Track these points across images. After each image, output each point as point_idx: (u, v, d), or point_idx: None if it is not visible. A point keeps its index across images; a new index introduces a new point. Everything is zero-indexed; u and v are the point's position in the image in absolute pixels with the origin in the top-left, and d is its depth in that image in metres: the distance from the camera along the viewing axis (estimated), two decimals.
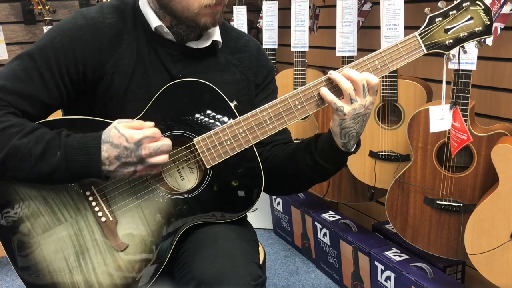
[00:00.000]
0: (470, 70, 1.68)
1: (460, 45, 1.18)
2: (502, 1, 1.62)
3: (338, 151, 1.22)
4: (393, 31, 1.91)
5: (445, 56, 1.19)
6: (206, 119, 1.21)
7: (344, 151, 1.22)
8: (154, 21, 1.25)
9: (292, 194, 2.24)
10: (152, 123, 1.15)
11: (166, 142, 1.13)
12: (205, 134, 1.20)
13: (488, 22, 1.15)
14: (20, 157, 1.11)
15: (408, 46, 1.17)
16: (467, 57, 1.67)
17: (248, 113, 1.19)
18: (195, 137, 1.20)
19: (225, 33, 1.36)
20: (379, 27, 1.94)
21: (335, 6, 2.17)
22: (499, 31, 1.65)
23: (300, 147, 1.30)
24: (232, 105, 1.21)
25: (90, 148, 1.12)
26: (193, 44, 1.29)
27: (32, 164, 1.11)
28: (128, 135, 1.10)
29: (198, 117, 1.21)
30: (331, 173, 1.30)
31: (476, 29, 1.16)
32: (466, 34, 1.17)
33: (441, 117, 1.44)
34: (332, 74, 1.16)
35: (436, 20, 1.17)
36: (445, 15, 1.16)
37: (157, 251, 1.23)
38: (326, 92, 1.16)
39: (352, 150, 1.24)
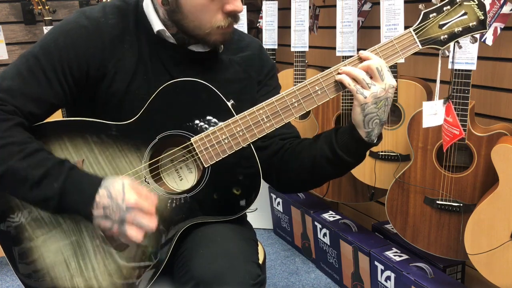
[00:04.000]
0: (470, 70, 1.68)
1: (455, 40, 1.18)
2: (502, 1, 1.61)
3: (361, 142, 1.21)
4: (393, 31, 1.90)
5: (440, 51, 1.19)
6: (203, 118, 1.21)
7: (367, 142, 1.21)
8: (157, 25, 1.25)
9: (304, 190, 2.23)
10: (156, 200, 1.14)
11: (151, 224, 1.12)
12: (202, 133, 1.20)
13: (482, 17, 1.16)
14: (17, 179, 1.11)
15: (403, 42, 1.17)
16: (467, 57, 1.67)
17: (245, 112, 1.19)
18: (193, 136, 1.20)
19: None
20: (379, 27, 1.94)
21: (335, 6, 2.17)
22: (499, 31, 1.65)
23: (318, 139, 1.29)
24: (229, 104, 1.21)
25: (86, 190, 1.12)
26: (194, 48, 1.29)
27: (27, 188, 1.11)
28: (127, 196, 1.10)
29: (196, 117, 1.21)
30: (350, 167, 1.28)
31: (471, 24, 1.16)
32: (460, 29, 1.17)
33: (434, 112, 1.44)
34: (342, 68, 1.18)
35: (431, 16, 1.17)
36: (439, 10, 1.17)
37: (157, 251, 1.23)
38: (344, 78, 1.17)
39: (375, 141, 1.23)
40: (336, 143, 1.23)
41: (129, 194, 1.10)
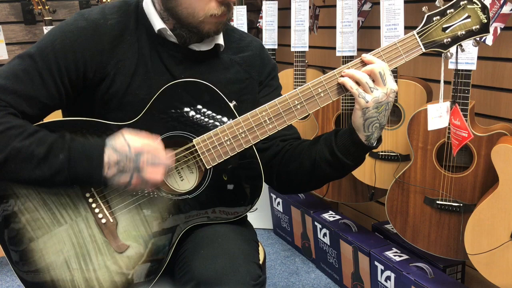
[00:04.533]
0: (470, 70, 1.68)
1: (458, 44, 1.18)
2: (502, 1, 1.61)
3: (360, 145, 1.21)
4: (393, 31, 1.91)
5: (443, 54, 1.19)
6: (206, 119, 1.21)
7: (366, 146, 1.21)
8: (157, 23, 1.25)
9: (304, 191, 2.22)
10: (158, 137, 1.17)
11: (166, 159, 1.15)
12: (205, 135, 1.20)
13: (485, 20, 1.16)
14: (21, 159, 1.11)
15: (407, 45, 1.17)
16: (467, 57, 1.67)
17: (248, 113, 1.19)
18: (195, 138, 1.20)
19: (228, 35, 1.36)
20: (379, 27, 1.94)
21: (335, 6, 2.17)
22: (499, 31, 1.65)
23: (318, 141, 1.29)
24: (231, 105, 1.21)
25: (93, 154, 1.13)
26: (196, 47, 1.29)
27: (34, 165, 1.11)
28: (131, 143, 1.13)
29: (198, 118, 1.21)
30: (349, 170, 1.28)
31: (474, 28, 1.16)
32: (463, 32, 1.17)
33: (439, 115, 1.44)
34: (346, 71, 1.18)
35: (434, 18, 1.17)
36: (442, 13, 1.17)
37: (158, 252, 1.23)
38: (346, 80, 1.17)
39: (375, 144, 1.23)
40: (336, 145, 1.24)
41: (133, 141, 1.14)
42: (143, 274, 1.23)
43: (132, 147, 1.13)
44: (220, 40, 1.31)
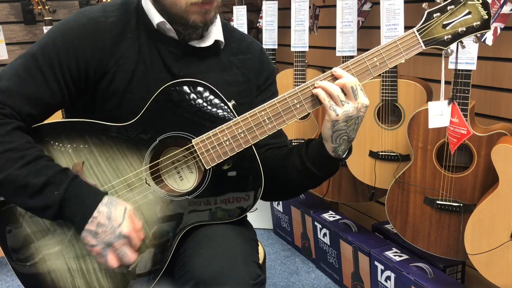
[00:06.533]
0: (470, 70, 1.68)
1: (459, 40, 1.18)
2: (502, 1, 1.61)
3: (327, 156, 1.22)
4: (393, 31, 1.91)
5: (443, 51, 1.19)
6: (205, 119, 1.20)
7: (334, 157, 1.22)
8: (156, 17, 1.24)
9: (283, 199, 2.22)
10: (143, 236, 1.18)
11: (132, 259, 1.15)
12: (204, 135, 1.19)
13: (486, 16, 1.15)
14: (15, 187, 1.10)
15: (407, 43, 1.17)
16: (467, 57, 1.67)
17: (247, 113, 1.19)
18: (194, 138, 1.20)
19: (228, 34, 1.36)
20: (379, 27, 1.94)
21: (335, 6, 2.17)
22: (499, 31, 1.65)
23: (291, 151, 1.30)
24: (230, 104, 1.21)
25: (86, 204, 1.12)
26: (195, 43, 1.29)
27: (27, 196, 1.11)
28: (125, 223, 1.13)
29: (197, 118, 1.21)
30: (322, 179, 1.29)
31: (474, 24, 1.16)
32: (464, 29, 1.17)
33: (440, 113, 1.44)
34: (319, 82, 1.18)
35: (434, 15, 1.17)
36: (443, 10, 1.16)
37: (158, 252, 1.23)
38: (319, 92, 1.17)
39: (343, 156, 1.23)
40: (306, 155, 1.25)
41: (127, 222, 1.13)
42: (144, 275, 1.23)
43: (122, 226, 1.12)
44: (220, 36, 1.31)
